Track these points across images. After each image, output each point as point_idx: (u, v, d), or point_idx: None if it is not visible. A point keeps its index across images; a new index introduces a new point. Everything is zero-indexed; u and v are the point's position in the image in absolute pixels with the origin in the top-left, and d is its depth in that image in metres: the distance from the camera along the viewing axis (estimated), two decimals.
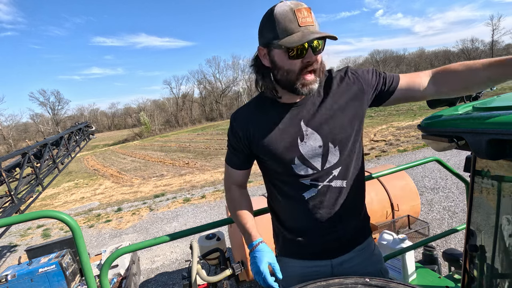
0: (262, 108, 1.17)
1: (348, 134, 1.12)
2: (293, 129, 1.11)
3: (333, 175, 1.13)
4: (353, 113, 1.13)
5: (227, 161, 1.28)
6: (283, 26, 0.97)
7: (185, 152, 22.17)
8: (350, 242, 1.22)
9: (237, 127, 1.18)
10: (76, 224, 1.29)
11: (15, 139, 58.20)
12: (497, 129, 0.83)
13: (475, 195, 1.16)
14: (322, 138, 1.10)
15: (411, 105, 25.47)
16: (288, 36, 0.96)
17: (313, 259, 1.22)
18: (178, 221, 8.03)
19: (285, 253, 1.28)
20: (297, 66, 1.01)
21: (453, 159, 8.40)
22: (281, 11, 0.98)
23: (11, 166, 6.29)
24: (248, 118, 1.17)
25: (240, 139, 1.17)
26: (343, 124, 1.11)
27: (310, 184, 1.13)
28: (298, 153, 1.11)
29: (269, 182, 1.26)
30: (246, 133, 1.16)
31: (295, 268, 1.25)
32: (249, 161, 1.24)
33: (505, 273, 1.05)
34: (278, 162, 1.13)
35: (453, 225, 5.14)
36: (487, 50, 63.34)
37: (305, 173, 1.12)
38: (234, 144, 1.20)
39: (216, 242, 3.80)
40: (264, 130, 1.13)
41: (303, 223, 1.18)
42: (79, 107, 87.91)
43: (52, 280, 4.34)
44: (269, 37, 1.01)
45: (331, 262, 1.21)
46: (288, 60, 1.00)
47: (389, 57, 78.83)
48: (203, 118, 66.83)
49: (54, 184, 16.80)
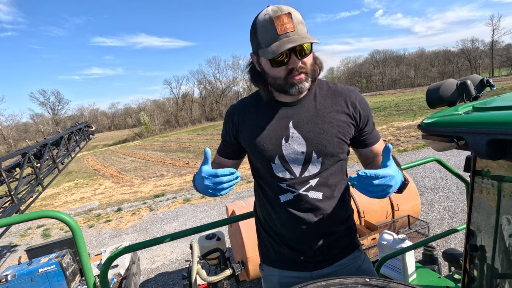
0: (257, 103, 1.18)
1: (334, 150, 1.10)
2: (280, 128, 1.11)
3: (310, 185, 1.11)
4: (343, 133, 1.11)
5: (218, 151, 1.30)
6: (263, 36, 0.99)
7: (185, 152, 22.18)
8: (330, 256, 1.17)
9: (228, 118, 1.21)
10: (76, 224, 1.29)
11: (15, 139, 58.22)
12: (497, 129, 0.83)
13: (475, 195, 1.16)
14: (307, 145, 1.08)
15: (411, 105, 25.48)
16: (268, 46, 0.98)
17: (291, 270, 1.18)
18: (178, 221, 8.03)
19: (266, 261, 1.26)
20: (282, 73, 1.03)
21: (453, 159, 8.40)
22: (261, 20, 0.99)
23: (11, 166, 6.29)
24: (244, 110, 1.19)
25: (229, 129, 1.20)
26: (332, 139, 1.09)
27: (287, 189, 1.11)
28: (280, 153, 1.10)
29: (255, 180, 1.26)
30: (235, 124, 1.18)
31: (274, 277, 1.22)
32: (237, 152, 1.25)
33: (505, 273, 1.05)
34: (260, 157, 1.13)
35: (453, 225, 5.14)
36: (487, 50, 63.34)
37: (283, 176, 1.11)
38: (224, 134, 1.23)
39: (216, 242, 3.80)
40: (253, 124, 1.15)
41: (281, 228, 1.16)
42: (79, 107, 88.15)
43: (52, 280, 4.34)
44: (254, 47, 1.05)
45: (311, 274, 1.17)
46: (272, 68, 1.03)
47: (389, 57, 78.77)
48: (203, 118, 66.88)
49: (54, 184, 16.80)
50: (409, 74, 73.99)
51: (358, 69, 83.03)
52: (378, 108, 27.74)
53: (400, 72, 74.43)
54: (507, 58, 62.29)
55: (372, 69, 79.29)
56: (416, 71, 73.61)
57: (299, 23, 0.99)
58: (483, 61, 63.67)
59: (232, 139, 1.21)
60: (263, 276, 1.29)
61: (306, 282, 0.91)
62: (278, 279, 1.21)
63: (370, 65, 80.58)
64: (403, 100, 32.95)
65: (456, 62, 67.06)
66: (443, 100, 1.37)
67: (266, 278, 1.27)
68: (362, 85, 78.32)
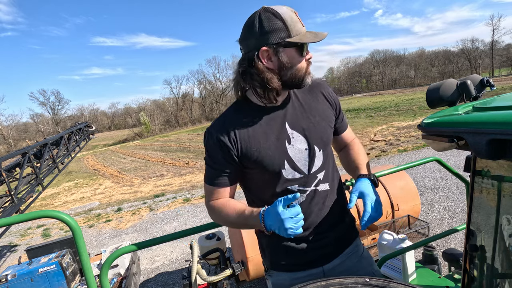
0: (242, 115, 1.09)
1: (328, 139, 1.18)
2: (278, 132, 1.09)
3: (319, 179, 1.13)
4: (331, 121, 1.20)
5: (209, 183, 1.12)
6: (293, 26, 1.00)
7: (185, 152, 22.17)
8: (340, 246, 1.20)
9: (219, 136, 1.06)
10: (76, 224, 1.29)
11: (15, 139, 58.23)
12: (497, 129, 0.83)
13: (475, 195, 1.16)
14: (308, 141, 1.11)
15: (411, 105, 25.48)
16: (299, 34, 1.00)
17: (304, 270, 1.17)
18: (178, 221, 8.03)
19: (275, 267, 1.22)
20: (304, 64, 1.06)
21: (453, 159, 8.40)
22: (285, 12, 1.00)
23: (11, 166, 6.28)
24: (229, 124, 1.08)
25: (225, 148, 1.06)
26: (325, 128, 1.16)
27: (298, 190, 1.11)
28: (287, 156, 1.09)
29: (252, 202, 1.20)
30: (230, 140, 1.05)
31: (285, 281, 1.19)
32: (239, 174, 1.13)
33: (505, 273, 1.05)
34: (267, 167, 1.07)
35: (453, 225, 5.14)
36: (487, 50, 63.34)
37: (293, 177, 1.10)
38: (219, 157, 1.07)
39: (216, 242, 3.80)
40: (251, 137, 1.06)
41: None
42: (79, 107, 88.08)
43: (52, 280, 4.34)
44: (281, 36, 0.98)
45: (323, 269, 1.18)
46: (299, 57, 1.04)
47: (389, 57, 78.78)
48: (203, 118, 66.87)
49: (54, 184, 16.79)
50: (409, 74, 73.99)
51: (358, 69, 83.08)
52: (378, 108, 27.73)
53: (400, 72, 74.44)
54: (507, 58, 62.32)
55: (372, 69, 79.31)
56: (416, 71, 73.62)
57: None
58: (483, 61, 63.69)
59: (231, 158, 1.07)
60: (272, 282, 1.24)
61: (306, 282, 0.91)
62: (290, 281, 1.16)
63: (370, 65, 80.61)
64: (403, 100, 32.94)
65: (456, 62, 67.09)
66: (443, 100, 1.37)
67: (276, 284, 1.22)
68: (362, 85, 78.37)
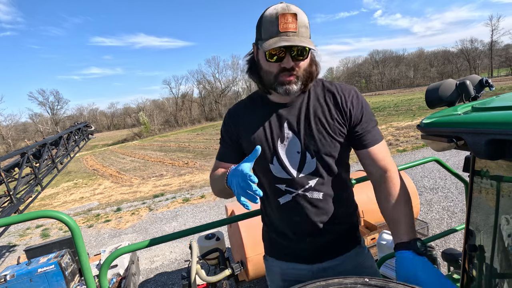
0: (254, 105, 1.20)
1: (328, 149, 1.09)
2: (275, 129, 1.13)
3: (310, 185, 1.11)
4: (335, 131, 1.10)
5: (218, 158, 1.26)
6: (265, 29, 1.00)
7: (184, 152, 22.16)
8: (331, 251, 1.19)
9: (230, 122, 1.22)
10: (75, 224, 1.29)
11: (14, 139, 58.12)
12: (497, 129, 0.83)
13: (474, 195, 1.16)
14: (301, 145, 1.10)
15: (410, 105, 25.51)
16: (266, 39, 0.99)
17: (293, 262, 1.22)
18: (177, 221, 8.02)
19: (269, 252, 1.31)
20: (274, 69, 1.03)
21: (453, 159, 8.41)
22: (268, 13, 1.00)
23: (10, 166, 6.27)
24: (240, 113, 1.22)
25: (232, 133, 1.21)
26: (324, 138, 1.09)
27: (285, 190, 1.13)
28: (277, 153, 1.12)
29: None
30: (236, 128, 1.20)
31: (276, 268, 1.27)
32: (240, 154, 1.23)
33: (504, 273, 1.05)
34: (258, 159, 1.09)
35: (452, 225, 5.15)
36: (486, 51, 63.43)
37: (281, 177, 1.13)
38: (227, 138, 1.23)
39: (215, 242, 3.80)
40: (251, 126, 1.16)
41: (280, 226, 1.20)
42: (78, 107, 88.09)
43: (51, 280, 4.33)
44: (256, 37, 1.06)
45: (312, 267, 1.19)
46: (266, 61, 1.04)
47: (389, 57, 78.80)
48: (202, 118, 66.83)
49: (53, 184, 16.77)
50: (408, 74, 74.05)
51: (358, 69, 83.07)
52: (378, 108, 27.76)
53: (399, 72, 74.48)
54: (506, 59, 62.37)
55: (371, 69, 79.35)
56: (416, 71, 73.66)
57: (303, 26, 0.99)
58: (482, 61, 63.74)
59: (236, 142, 1.21)
60: (267, 266, 1.34)
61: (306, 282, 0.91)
62: (280, 270, 1.26)
63: (369, 65, 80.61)
64: (402, 100, 32.97)
65: (455, 62, 67.13)
66: (442, 100, 1.36)
67: (269, 268, 1.32)
68: (362, 85, 78.38)
